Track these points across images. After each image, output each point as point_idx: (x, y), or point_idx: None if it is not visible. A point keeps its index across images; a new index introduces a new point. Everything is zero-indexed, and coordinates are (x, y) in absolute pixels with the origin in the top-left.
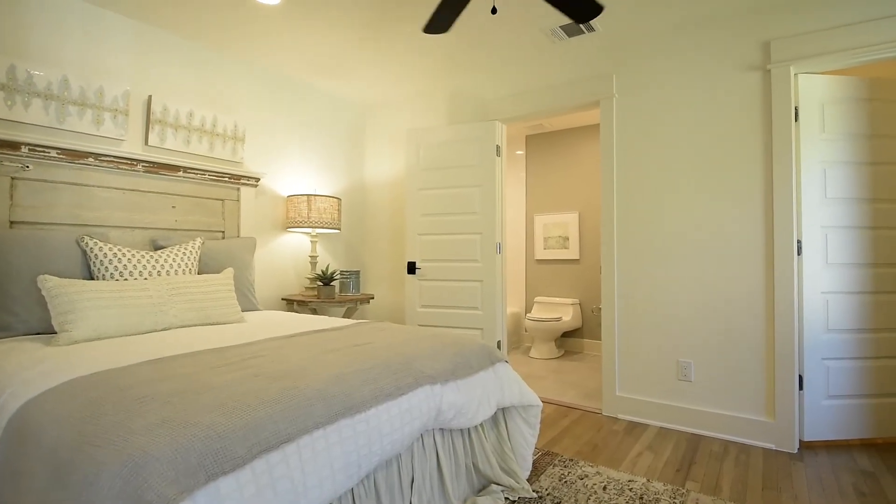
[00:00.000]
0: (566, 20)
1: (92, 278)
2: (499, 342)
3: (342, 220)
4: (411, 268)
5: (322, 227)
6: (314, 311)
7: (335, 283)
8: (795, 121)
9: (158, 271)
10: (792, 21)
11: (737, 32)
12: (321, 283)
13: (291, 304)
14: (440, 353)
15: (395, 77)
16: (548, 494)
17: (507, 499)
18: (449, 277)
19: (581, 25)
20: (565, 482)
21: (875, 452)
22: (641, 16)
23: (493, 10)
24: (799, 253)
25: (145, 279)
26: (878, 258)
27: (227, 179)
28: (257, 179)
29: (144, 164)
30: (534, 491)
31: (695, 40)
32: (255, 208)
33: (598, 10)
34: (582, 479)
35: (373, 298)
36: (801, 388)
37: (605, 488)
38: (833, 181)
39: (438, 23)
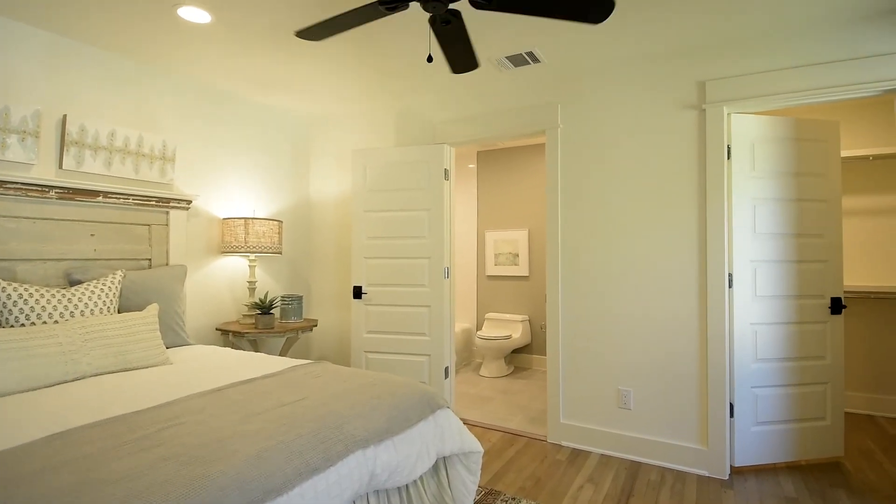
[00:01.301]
0: (512, 51)
1: None
2: (446, 368)
3: (284, 243)
4: (357, 292)
5: (261, 252)
6: (252, 343)
7: (275, 311)
8: (728, 158)
9: (72, 312)
10: (725, 64)
11: (675, 72)
12: (259, 312)
13: (227, 334)
14: (376, 409)
15: (337, 94)
16: None
17: None
18: (396, 302)
19: (526, 56)
20: None
21: (798, 475)
22: (585, 50)
23: (429, 59)
24: (730, 286)
25: (56, 322)
26: (801, 290)
27: (154, 203)
28: (189, 202)
29: (58, 191)
30: None
31: (636, 77)
32: (188, 232)
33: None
34: None
35: (316, 325)
36: (731, 415)
37: None
38: (762, 217)
39: (316, 32)
